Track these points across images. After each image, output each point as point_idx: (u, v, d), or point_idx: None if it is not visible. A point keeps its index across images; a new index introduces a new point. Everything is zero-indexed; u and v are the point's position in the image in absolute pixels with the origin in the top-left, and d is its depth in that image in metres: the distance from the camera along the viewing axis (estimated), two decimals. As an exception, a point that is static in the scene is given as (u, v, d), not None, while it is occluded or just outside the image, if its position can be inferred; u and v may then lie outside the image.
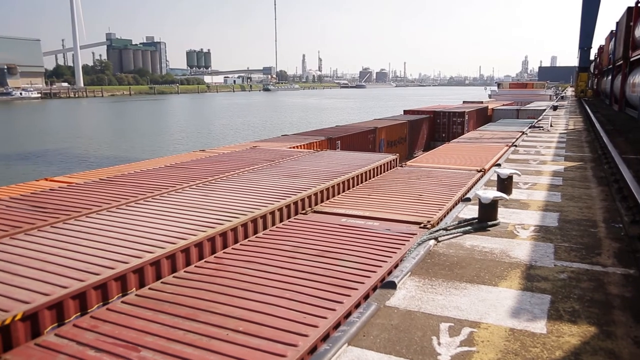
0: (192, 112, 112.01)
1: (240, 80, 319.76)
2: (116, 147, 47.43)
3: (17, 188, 10.82)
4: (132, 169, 12.63)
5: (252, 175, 11.38)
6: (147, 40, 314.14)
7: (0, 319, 4.44)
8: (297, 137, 21.56)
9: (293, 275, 5.72)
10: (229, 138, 51.88)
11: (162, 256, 6.18)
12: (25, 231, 7.12)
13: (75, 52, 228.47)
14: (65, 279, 5.34)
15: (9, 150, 44.86)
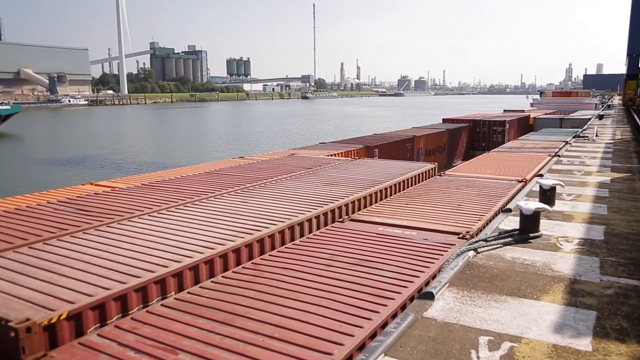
0: (231, 119, 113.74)
1: (279, 88, 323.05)
2: (158, 153, 48.57)
3: (64, 191, 11.21)
4: (173, 175, 12.90)
5: (289, 182, 11.45)
6: (189, 49, 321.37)
7: (47, 317, 4.59)
8: (334, 145, 21.59)
9: (329, 284, 5.71)
10: (266, 145, 52.41)
11: (200, 261, 6.26)
12: (71, 233, 7.35)
13: (120, 60, 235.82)
14: (107, 280, 5.48)
15: (58, 155, 46.53)
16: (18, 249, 6.62)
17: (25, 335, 4.31)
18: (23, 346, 4.30)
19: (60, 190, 11.55)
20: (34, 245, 6.74)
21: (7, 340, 4.38)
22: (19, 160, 44.01)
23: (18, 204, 9.84)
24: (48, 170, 37.38)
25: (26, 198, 10.67)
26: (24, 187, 29.00)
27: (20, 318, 4.42)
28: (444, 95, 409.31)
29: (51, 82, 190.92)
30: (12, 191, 25.77)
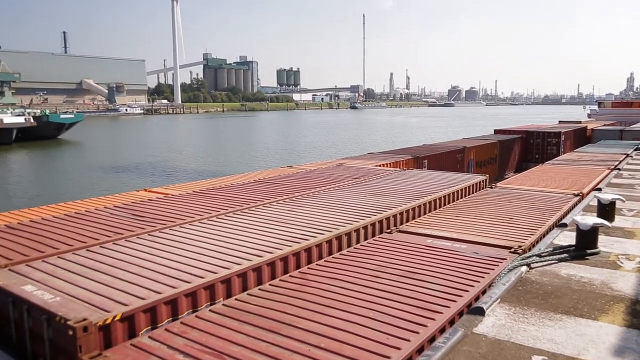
0: (280, 128, 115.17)
1: (328, 98, 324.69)
2: (209, 161, 49.68)
3: (120, 197, 11.64)
4: (223, 183, 13.15)
5: (337, 192, 11.45)
6: (241, 59, 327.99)
7: (102, 318, 4.75)
8: (383, 155, 21.47)
9: (376, 295, 5.65)
10: (314, 155, 52.70)
11: (248, 268, 6.34)
12: (126, 238, 7.60)
13: (175, 71, 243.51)
14: (159, 284, 5.62)
15: (115, 162, 48.37)
16: (77, 251, 6.90)
17: (82, 335, 4.48)
18: (80, 345, 4.47)
19: (116, 195, 11.99)
20: (92, 248, 7.02)
21: (66, 338, 4.56)
22: (79, 166, 46.03)
23: (78, 208, 10.27)
24: (105, 176, 38.89)
25: (85, 203, 11.13)
26: (83, 191, 30.29)
27: (78, 318, 4.60)
28: (496, 106, 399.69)
29: (110, 92, 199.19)
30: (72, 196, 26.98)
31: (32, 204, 21.21)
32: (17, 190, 33.91)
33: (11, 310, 5.27)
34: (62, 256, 6.67)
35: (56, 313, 4.74)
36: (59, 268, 6.18)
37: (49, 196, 30.14)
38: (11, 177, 41.51)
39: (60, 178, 39.52)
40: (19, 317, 5.19)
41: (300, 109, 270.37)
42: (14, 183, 37.53)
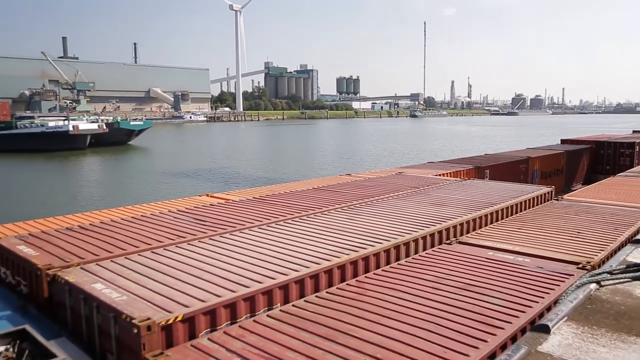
0: (339, 136, 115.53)
1: (388, 106, 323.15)
2: (268, 168, 50.53)
3: (183, 202, 12.04)
4: (283, 190, 13.33)
5: (396, 201, 11.34)
6: (301, 68, 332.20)
7: (165, 318, 4.91)
8: (443, 164, 21.09)
9: (435, 307, 5.54)
10: (373, 163, 52.49)
11: (306, 275, 6.37)
12: (188, 241, 7.83)
13: (237, 80, 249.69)
14: (218, 288, 5.75)
15: (179, 167, 50.08)
16: (142, 252, 7.19)
17: (146, 333, 4.64)
18: (144, 343, 4.64)
19: (180, 200, 12.41)
20: (156, 250, 7.28)
21: (131, 336, 4.75)
22: (146, 171, 48.00)
23: (144, 211, 10.70)
24: (170, 180, 40.34)
25: (151, 206, 11.58)
26: (149, 195, 31.53)
27: (142, 317, 4.78)
28: (563, 115, 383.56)
29: (176, 100, 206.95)
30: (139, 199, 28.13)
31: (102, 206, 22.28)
32: (89, 192, 35.75)
33: (82, 306, 5.55)
34: (129, 257, 6.96)
35: (122, 311, 4.94)
36: (126, 268, 6.45)
37: (118, 199, 31.59)
38: (84, 180, 43.83)
39: (128, 182, 41.34)
40: (89, 314, 5.45)
41: (359, 117, 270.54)
42: (87, 186, 39.60)
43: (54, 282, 6.15)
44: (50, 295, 6.25)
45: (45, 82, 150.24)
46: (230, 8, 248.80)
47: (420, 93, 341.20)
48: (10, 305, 6.59)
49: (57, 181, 42.96)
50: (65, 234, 8.18)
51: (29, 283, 6.64)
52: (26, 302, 6.52)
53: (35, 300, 6.42)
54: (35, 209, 27.87)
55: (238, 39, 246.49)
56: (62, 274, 6.12)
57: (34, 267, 6.41)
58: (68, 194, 35.11)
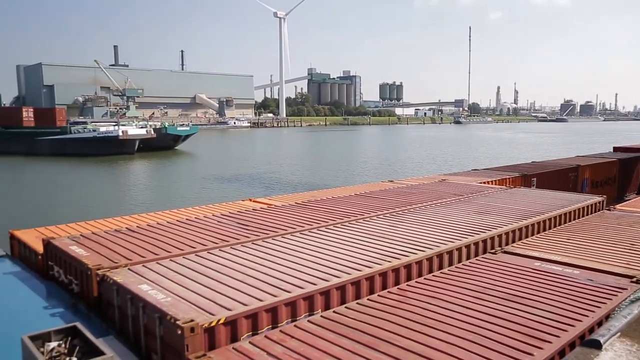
0: (381, 143, 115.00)
1: (431, 112, 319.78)
2: (310, 174, 50.78)
3: (227, 206, 12.26)
4: (325, 196, 13.36)
5: (439, 208, 11.19)
6: (344, 74, 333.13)
7: (208, 320, 5.00)
8: (487, 172, 20.66)
9: (478, 317, 5.43)
10: (415, 170, 51.96)
11: (347, 282, 6.36)
12: (231, 245, 7.96)
13: (280, 86, 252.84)
14: (260, 292, 5.81)
15: (223, 172, 50.98)
16: (187, 255, 7.35)
17: (190, 335, 4.74)
18: (187, 344, 4.73)
19: (224, 204, 12.64)
20: (200, 253, 7.43)
21: (175, 337, 4.86)
22: (192, 175, 49.08)
23: (189, 214, 10.96)
24: (214, 185, 41.10)
25: (195, 210, 11.85)
26: (194, 199, 32.22)
27: (186, 318, 4.88)
28: (616, 121, 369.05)
29: (220, 106, 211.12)
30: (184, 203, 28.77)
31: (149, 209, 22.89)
32: (136, 195, 36.83)
33: (129, 306, 5.72)
34: (174, 259, 7.13)
35: (167, 312, 5.06)
36: (171, 270, 6.61)
37: (163, 202, 32.40)
38: (132, 183, 45.19)
39: (174, 186, 42.36)
40: (136, 314, 5.61)
41: (402, 123, 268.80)
42: (134, 189, 40.81)
43: (103, 282, 6.37)
44: (100, 294, 6.47)
45: (97, 89, 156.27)
46: (274, 15, 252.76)
47: (465, 99, 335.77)
48: (62, 303, 6.86)
49: (106, 184, 44.47)
50: (114, 236, 8.46)
51: (80, 282, 6.90)
52: (77, 301, 6.77)
53: (86, 299, 6.66)
54: (86, 211, 28.93)
55: (282, 45, 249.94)
56: (110, 274, 6.33)
57: (85, 267, 6.66)
58: (116, 196, 36.29)
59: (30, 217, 27.31)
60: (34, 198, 37.01)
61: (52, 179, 47.32)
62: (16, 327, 5.70)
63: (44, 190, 41.12)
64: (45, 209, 30.78)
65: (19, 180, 48.35)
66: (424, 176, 20.46)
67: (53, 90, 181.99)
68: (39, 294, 7.37)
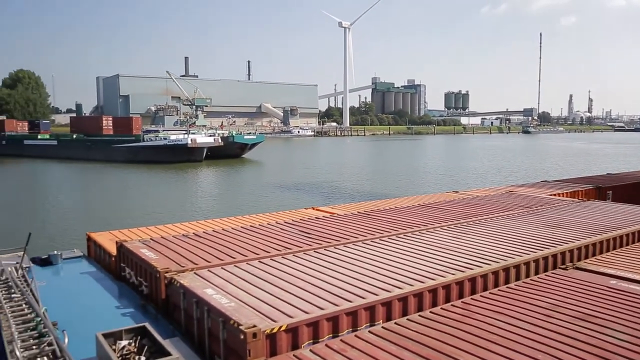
0: (445, 152, 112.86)
1: (498, 121, 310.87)
2: (373, 183, 50.55)
3: (290, 214, 12.42)
4: (387, 205, 13.27)
5: (506, 221, 10.82)
6: (408, 83, 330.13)
7: (270, 327, 5.07)
8: (558, 183, 19.79)
9: (548, 336, 5.18)
10: (481, 181, 50.54)
11: (409, 293, 6.27)
12: (294, 253, 8.05)
13: (344, 95, 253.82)
14: (322, 301, 5.83)
15: (287, 180, 51.72)
16: (250, 261, 7.50)
17: (252, 340, 4.82)
18: (249, 349, 4.82)
19: (287, 212, 12.82)
20: (263, 260, 7.56)
21: (237, 341, 4.96)
22: (256, 183, 50.10)
23: (253, 221, 11.19)
24: (277, 193, 41.73)
25: (259, 217, 12.09)
26: (257, 206, 32.86)
27: (249, 324, 4.97)
28: None
29: (285, 115, 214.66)
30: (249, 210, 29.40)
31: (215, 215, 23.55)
32: (204, 202, 38.02)
33: (195, 309, 5.89)
34: (238, 265, 7.29)
35: (231, 317, 5.17)
36: (235, 276, 6.76)
37: (228, 209, 33.26)
38: (200, 190, 46.69)
39: (239, 193, 43.39)
40: (201, 317, 5.77)
41: (467, 132, 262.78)
42: (201, 196, 42.16)
43: (170, 285, 6.60)
44: (167, 296, 6.71)
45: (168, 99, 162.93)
46: (339, 25, 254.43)
47: (534, 108, 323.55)
48: (132, 304, 7.18)
49: (175, 190, 46.18)
50: (182, 240, 8.76)
51: (149, 284, 7.19)
52: (146, 302, 7.05)
53: (154, 301, 6.93)
54: (156, 216, 30.17)
55: (346, 55, 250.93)
56: (178, 277, 6.55)
57: (154, 269, 6.93)
58: (184, 202, 37.59)
59: (105, 220, 28.82)
60: (109, 202, 39.02)
61: (126, 185, 49.75)
62: (90, 324, 6.01)
63: (118, 194, 43.28)
64: (118, 213, 32.38)
65: (96, 185, 51.16)
66: (490, 187, 19.88)
67: (128, 100, 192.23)
68: (112, 294, 7.75)
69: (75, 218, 30.57)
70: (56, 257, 9.40)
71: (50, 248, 10.39)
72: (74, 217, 31.09)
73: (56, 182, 52.85)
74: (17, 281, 6.83)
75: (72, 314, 6.62)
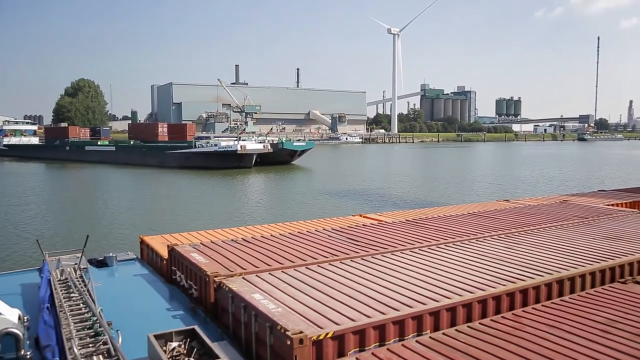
0: (496, 160, 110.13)
1: (552, 128, 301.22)
2: (421, 191, 49.89)
3: (337, 221, 12.43)
4: (436, 214, 13.07)
5: (560, 231, 10.45)
6: (458, 89, 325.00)
7: (316, 333, 5.08)
8: (617, 193, 18.95)
9: (605, 352, 4.96)
10: (532, 189, 48.95)
11: (458, 303, 6.15)
12: (341, 260, 8.05)
13: (393, 102, 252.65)
14: (368, 308, 5.80)
15: (334, 186, 51.78)
16: (297, 267, 7.55)
17: (299, 346, 4.85)
18: (295, 355, 4.84)
19: (334, 219, 12.83)
20: (310, 267, 7.59)
21: (284, 347, 5.00)
22: (305, 189, 50.39)
23: (299, 228, 11.28)
24: (325, 199, 41.81)
25: (306, 223, 12.15)
26: (304, 213, 33.04)
27: (295, 329, 5.00)
28: None
29: (333, 122, 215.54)
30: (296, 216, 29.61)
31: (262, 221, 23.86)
32: (251, 207, 38.55)
33: (243, 314, 5.98)
34: (285, 271, 7.35)
35: (278, 322, 5.22)
36: (282, 281, 6.82)
37: (276, 215, 33.61)
38: (248, 196, 47.41)
39: (287, 199, 43.76)
40: (248, 321, 5.86)
41: (519, 140, 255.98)
42: (250, 202, 42.78)
43: (219, 289, 6.73)
44: (216, 300, 6.85)
45: (219, 106, 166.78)
46: (388, 32, 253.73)
47: (591, 115, 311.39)
48: (182, 306, 7.36)
49: (223, 196, 47.06)
50: (230, 245, 8.93)
51: (199, 288, 7.36)
52: (196, 305, 7.21)
53: (203, 304, 7.08)
54: (205, 220, 30.83)
55: (395, 61, 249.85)
56: (226, 282, 6.67)
57: (204, 273, 7.09)
58: (232, 208, 38.22)
59: (157, 224, 29.70)
60: (161, 206, 40.18)
61: (177, 190, 51.11)
62: (142, 325, 6.21)
63: (170, 199, 44.50)
64: (170, 217, 33.28)
65: (149, 190, 52.81)
66: (543, 196, 19.26)
67: (181, 107, 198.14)
68: (163, 296, 7.97)
69: (129, 221, 31.64)
70: (111, 259, 9.77)
71: (105, 250, 10.81)
72: (128, 220, 32.18)
73: (112, 187, 54.92)
74: (76, 281, 7.14)
75: (125, 314, 6.85)
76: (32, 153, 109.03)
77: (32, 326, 6.20)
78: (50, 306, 6.61)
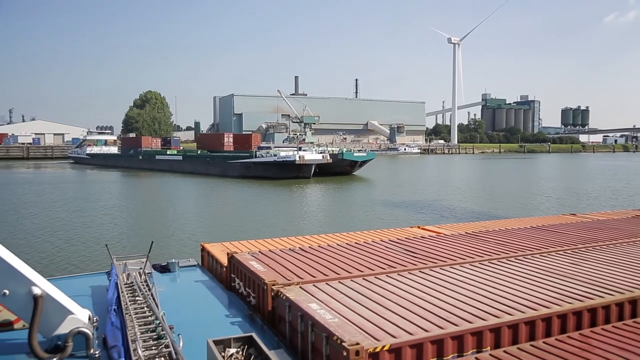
0: (561, 171, 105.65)
1: (624, 139, 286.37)
2: (481, 202, 48.61)
3: (395, 232, 12.31)
4: (497, 227, 12.69)
5: (633, 248, 9.87)
6: (521, 99, 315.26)
7: (373, 345, 5.03)
8: (697, 208, 17.72)
9: (683, 380, 4.63)
10: (601, 203, 46.58)
11: (520, 320, 5.92)
12: (398, 272, 7.95)
13: (453, 112, 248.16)
14: (426, 322, 5.69)
15: (393, 197, 51.36)
16: (355, 278, 7.53)
17: (355, 357, 4.81)
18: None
19: (392, 230, 12.73)
20: (367, 278, 7.55)
21: (340, 358, 4.97)
22: (364, 200, 50.26)
23: (357, 238, 11.25)
24: (383, 210, 41.52)
25: (364, 234, 12.12)
26: (362, 223, 32.94)
27: (352, 341, 4.97)
28: None
29: (391, 132, 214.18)
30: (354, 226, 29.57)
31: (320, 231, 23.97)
32: (309, 217, 38.82)
33: (299, 323, 6.02)
34: (342, 281, 7.35)
35: (334, 333, 5.21)
36: (339, 292, 6.82)
37: (334, 225, 33.66)
38: (306, 206, 47.79)
39: (345, 209, 43.78)
40: (305, 331, 5.88)
41: (587, 151, 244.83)
42: (309, 211, 43.11)
43: (277, 297, 6.81)
44: (273, 308, 6.92)
45: (279, 117, 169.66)
46: (448, 41, 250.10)
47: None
48: (240, 313, 7.50)
49: (282, 205, 47.67)
50: (288, 254, 9.02)
51: (257, 295, 7.47)
52: (254, 312, 7.33)
53: (261, 312, 7.18)
54: (264, 229, 31.31)
55: (455, 71, 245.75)
56: (284, 290, 6.74)
57: (262, 281, 7.20)
58: (290, 217, 38.63)
59: (218, 231, 30.45)
60: (222, 214, 41.20)
61: (237, 198, 52.26)
62: (202, 330, 6.37)
63: (230, 207, 45.56)
64: (230, 225, 34.04)
65: (211, 198, 54.31)
66: (614, 210, 18.30)
67: (242, 117, 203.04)
68: (222, 303, 8.15)
69: (191, 228, 32.62)
70: (174, 265, 10.11)
71: (168, 256, 11.18)
72: (190, 227, 33.19)
73: (177, 195, 56.86)
74: (141, 285, 7.43)
75: (185, 319, 7.05)
76: (109, 162, 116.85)
77: (100, 326, 6.49)
78: (117, 308, 6.91)
